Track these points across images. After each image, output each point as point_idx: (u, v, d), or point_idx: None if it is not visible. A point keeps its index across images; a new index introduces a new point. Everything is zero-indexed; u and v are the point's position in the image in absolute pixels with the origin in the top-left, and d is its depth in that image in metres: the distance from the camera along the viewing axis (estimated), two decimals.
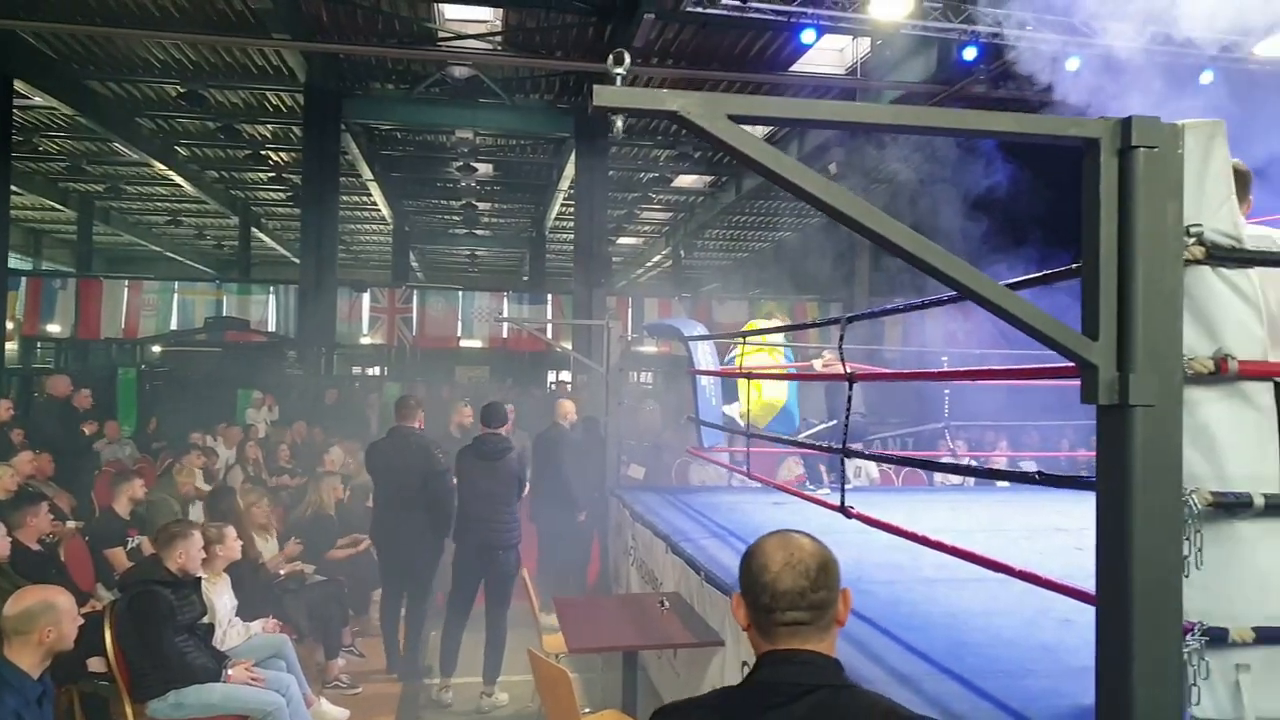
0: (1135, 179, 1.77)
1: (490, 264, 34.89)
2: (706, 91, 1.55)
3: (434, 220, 28.64)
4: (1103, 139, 1.78)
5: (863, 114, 1.81)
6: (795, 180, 1.61)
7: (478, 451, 6.00)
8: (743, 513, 6.51)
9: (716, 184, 23.71)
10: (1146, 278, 1.77)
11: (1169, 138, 1.81)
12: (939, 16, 9.08)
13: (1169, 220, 1.80)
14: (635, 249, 32.36)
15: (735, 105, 1.64)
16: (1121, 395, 1.75)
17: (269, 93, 17.36)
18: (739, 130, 1.62)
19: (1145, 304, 1.76)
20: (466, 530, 5.94)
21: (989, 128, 1.74)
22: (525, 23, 14.76)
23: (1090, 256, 1.80)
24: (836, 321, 4.67)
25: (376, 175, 21.82)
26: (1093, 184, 1.80)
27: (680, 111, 1.62)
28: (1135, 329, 1.76)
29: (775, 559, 1.69)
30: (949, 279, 1.73)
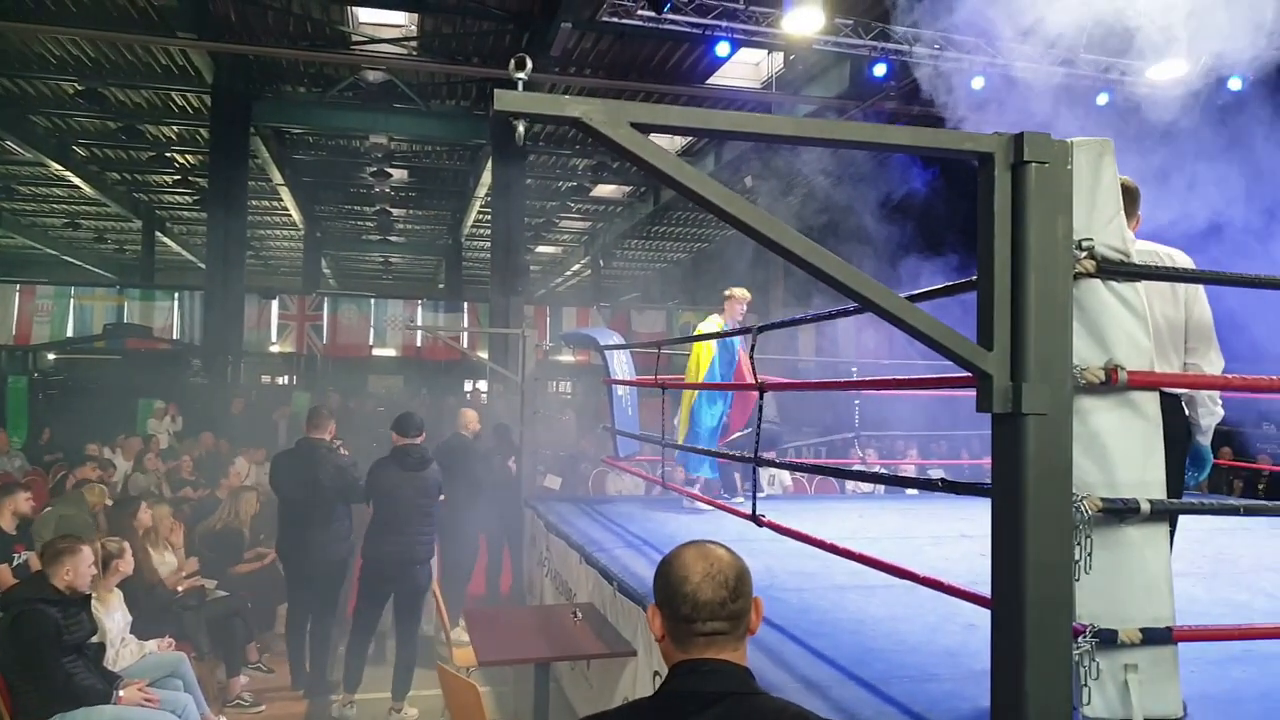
0: (1027, 193, 1.82)
1: (405, 271, 34.39)
2: (608, 100, 1.53)
3: (347, 226, 28.12)
4: (996, 154, 1.83)
5: (764, 125, 1.83)
6: (697, 189, 1.61)
7: (400, 463, 5.86)
8: (657, 522, 6.51)
9: (635, 194, 23.79)
10: (1038, 290, 1.81)
11: (1059, 153, 1.86)
12: (850, 33, 9.27)
13: (1059, 234, 1.86)
14: (554, 257, 32.26)
15: (638, 113, 1.63)
16: (1015, 404, 1.79)
17: (174, 93, 16.83)
18: (641, 138, 1.61)
19: (1037, 316, 1.81)
20: (383, 543, 5.78)
21: (887, 141, 1.77)
22: (441, 28, 14.63)
23: (985, 269, 1.84)
24: (748, 331, 4.70)
25: (287, 179, 21.35)
26: (987, 198, 1.84)
27: (582, 118, 1.61)
28: (1028, 340, 1.81)
29: (695, 570, 1.69)
30: (847, 289, 1.75)
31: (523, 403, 7.97)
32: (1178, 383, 2.78)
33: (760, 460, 4.35)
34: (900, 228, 11.37)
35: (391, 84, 15.96)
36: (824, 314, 3.91)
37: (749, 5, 8.83)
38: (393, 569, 5.80)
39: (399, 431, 5.98)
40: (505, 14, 13.70)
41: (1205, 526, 6.42)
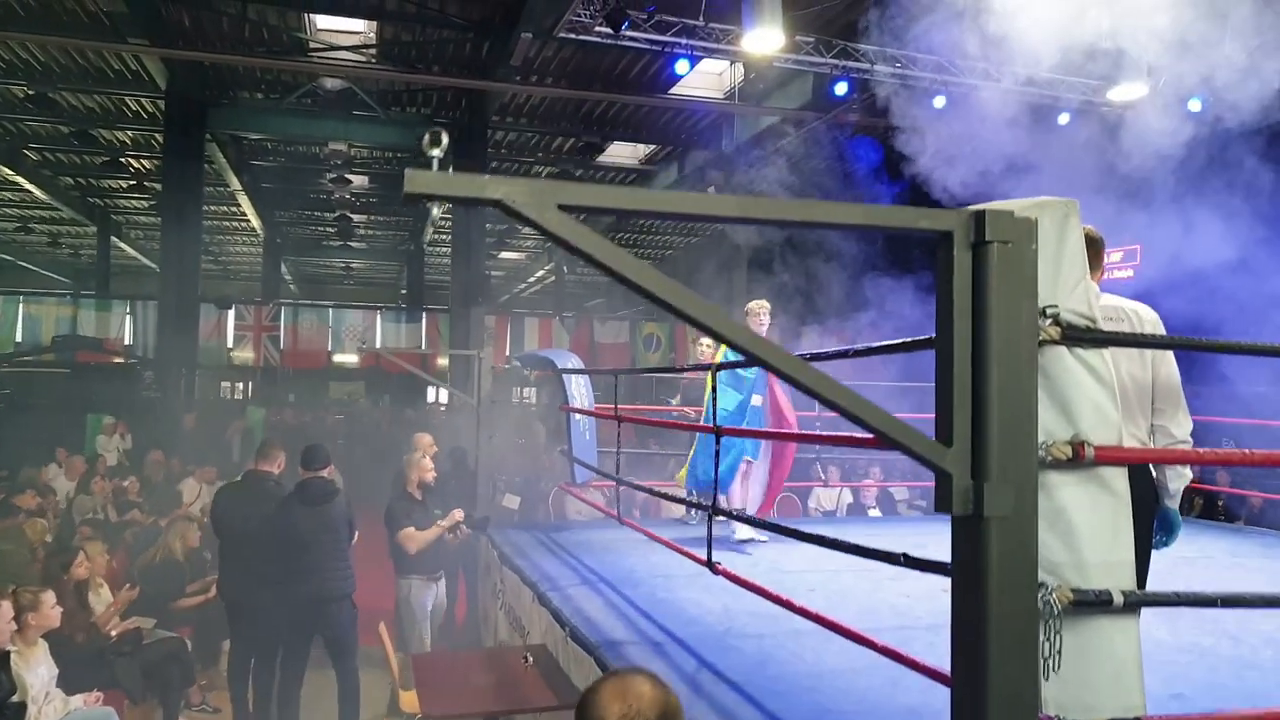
0: (989, 275, 1.68)
1: (367, 277, 33.99)
2: (533, 179, 1.38)
3: (307, 232, 27.70)
4: (955, 232, 1.69)
5: (702, 205, 1.68)
6: (625, 273, 1.46)
7: (301, 497, 5.58)
8: (616, 553, 6.34)
9: None
10: (1001, 384, 1.68)
11: (1023, 231, 1.73)
12: (811, 51, 9.17)
13: (1024, 320, 1.72)
14: (517, 263, 32.01)
15: (566, 194, 1.48)
16: (976, 506, 1.66)
17: (128, 98, 16.44)
18: (570, 221, 1.46)
19: (1000, 411, 1.68)
20: (293, 582, 5.50)
21: (835, 220, 1.62)
22: (400, 36, 14.39)
23: (944, 357, 1.70)
24: (707, 368, 4.57)
25: (245, 185, 20.96)
26: (945, 279, 1.71)
27: (504, 200, 1.45)
28: (990, 436, 1.67)
29: (611, 711, 1.53)
30: (779, 371, 1.60)
31: (479, 425, 7.78)
32: (1147, 458, 2.67)
33: (719, 510, 4.20)
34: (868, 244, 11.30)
35: (350, 91, 15.69)
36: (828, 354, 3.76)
37: (709, 23, 8.71)
38: (309, 612, 5.53)
39: (303, 464, 5.69)
40: (466, 23, 13.49)
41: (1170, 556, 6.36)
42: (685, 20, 8.67)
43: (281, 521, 5.51)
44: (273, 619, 5.61)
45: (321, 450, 5.78)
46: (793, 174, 13.05)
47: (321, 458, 5.71)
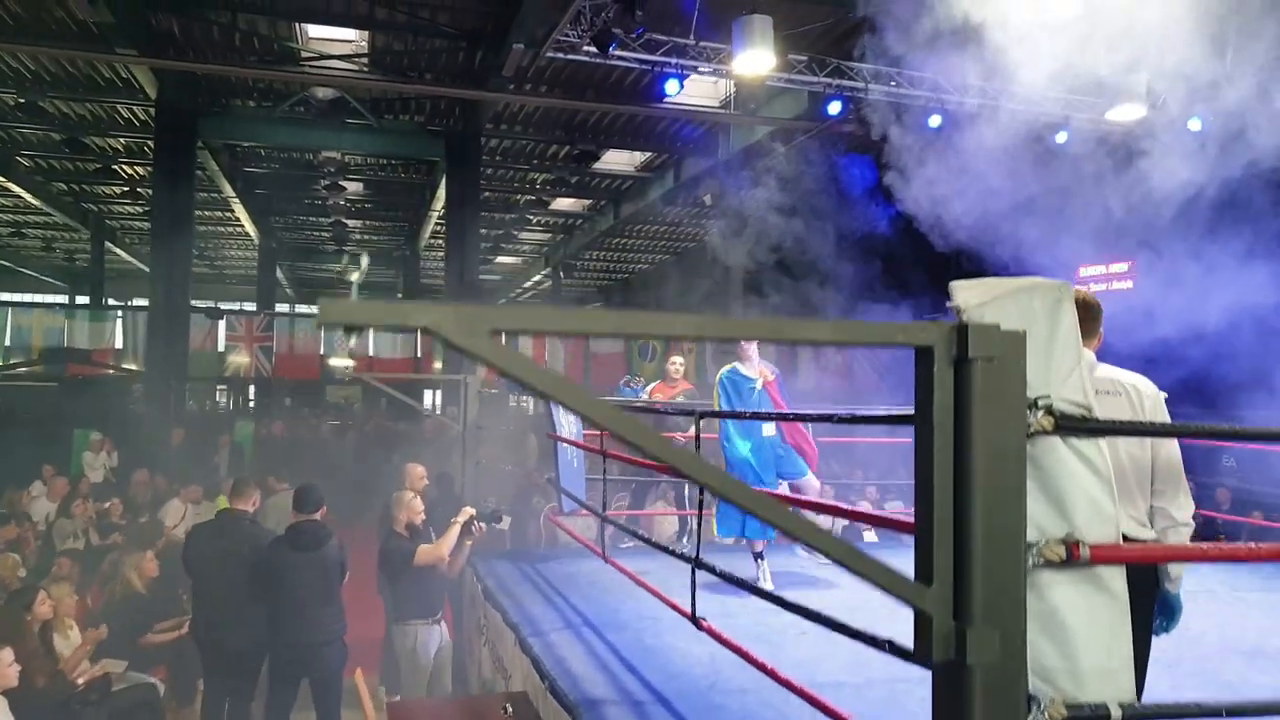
0: (972, 397, 1.54)
1: (364, 281, 33.80)
2: (462, 306, 1.23)
3: (302, 237, 27.56)
4: (936, 348, 1.54)
5: (656, 325, 1.53)
6: (559, 395, 1.33)
7: (293, 543, 5.44)
8: (602, 589, 6.18)
9: (595, 207, 23.50)
10: (987, 519, 1.53)
11: (1011, 346, 1.58)
12: (804, 70, 9.01)
13: (1012, 447, 1.57)
14: (514, 268, 31.88)
15: (499, 319, 1.34)
16: (959, 652, 1.51)
17: (119, 105, 16.30)
18: (501, 347, 1.32)
19: (985, 548, 1.53)
20: (284, 628, 5.38)
21: (805, 336, 1.48)
22: (393, 45, 14.24)
23: (923, 484, 1.56)
24: (691, 413, 4.42)
25: (239, 192, 20.81)
26: (925, 397, 1.56)
27: (431, 327, 1.31)
28: (974, 574, 1.53)
29: None
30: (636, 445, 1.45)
31: (464, 452, 7.63)
32: (1146, 556, 2.52)
33: (701, 564, 4.04)
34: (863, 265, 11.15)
35: (343, 100, 15.54)
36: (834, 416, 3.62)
37: (699, 42, 8.55)
38: (299, 655, 5.39)
39: (296, 506, 5.54)
40: (458, 32, 13.35)
41: None
42: (675, 39, 8.51)
43: (271, 567, 5.35)
44: (253, 662, 5.47)
45: (314, 493, 5.62)
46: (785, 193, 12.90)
47: (314, 501, 5.55)
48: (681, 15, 8.14)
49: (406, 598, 6.00)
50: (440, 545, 5.96)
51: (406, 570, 5.90)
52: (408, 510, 6.04)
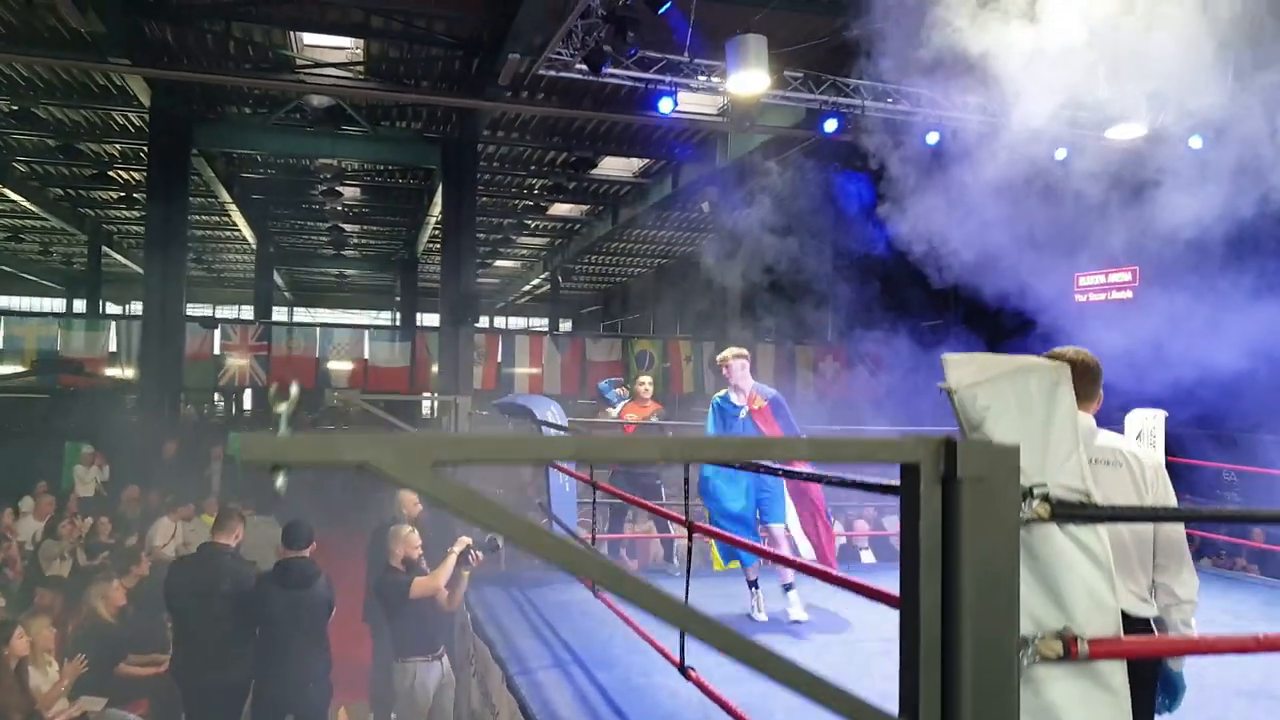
0: (961, 520, 1.43)
1: (361, 284, 33.74)
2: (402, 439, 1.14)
3: (300, 241, 27.48)
4: (922, 466, 1.44)
5: (612, 451, 1.43)
6: (503, 529, 1.23)
7: (281, 580, 5.33)
8: (594, 621, 6.04)
9: (593, 213, 23.40)
10: (976, 655, 1.43)
11: (1003, 464, 1.48)
12: (799, 87, 8.89)
13: (1004, 569, 1.47)
14: (514, 271, 31.78)
15: (442, 450, 1.24)
16: None
17: (114, 112, 16.19)
18: (442, 481, 1.22)
19: (974, 688, 1.43)
20: (265, 667, 5.27)
21: (778, 455, 1.37)
22: (388, 53, 14.13)
23: (909, 607, 1.46)
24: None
25: (236, 198, 20.74)
26: (910, 518, 1.46)
27: (372, 463, 1.21)
28: (963, 705, 1.42)
29: None
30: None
31: (455, 474, 7.51)
32: (1149, 650, 2.42)
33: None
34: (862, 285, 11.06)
35: (338, 107, 15.43)
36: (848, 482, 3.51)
37: (693, 59, 8.43)
38: (283, 694, 5.27)
39: (285, 542, 5.43)
40: (454, 41, 13.24)
41: None
42: (669, 56, 8.39)
43: (257, 604, 5.25)
44: (236, 701, 5.36)
45: (303, 529, 5.51)
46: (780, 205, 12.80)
47: (304, 537, 5.44)
48: (676, 31, 8.03)
49: (405, 634, 5.87)
50: (436, 576, 5.84)
51: (404, 605, 5.78)
52: (405, 545, 5.90)
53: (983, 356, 2.27)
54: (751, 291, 16.92)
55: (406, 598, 5.71)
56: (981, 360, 2.21)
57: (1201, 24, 6.66)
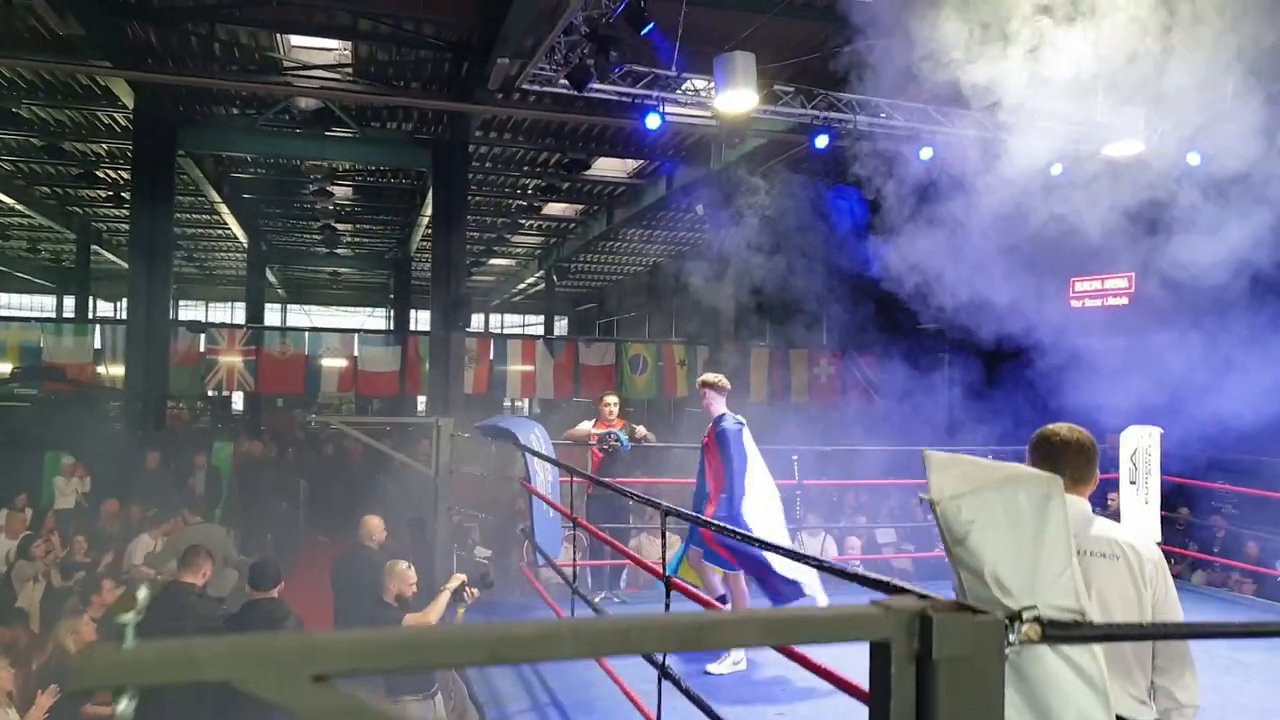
0: (938, 704, 1.26)
1: (355, 281, 33.51)
2: (273, 644, 0.95)
3: (292, 240, 27.28)
4: (893, 644, 1.27)
5: (501, 650, 1.25)
6: None
7: (246, 624, 5.09)
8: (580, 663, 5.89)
9: (588, 212, 23.20)
10: None
11: (987, 642, 1.30)
12: (790, 101, 8.68)
13: None
14: (508, 269, 31.57)
15: (323, 660, 1.07)
16: None
17: (99, 112, 15.97)
18: (326, 696, 1.05)
19: None
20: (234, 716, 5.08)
21: (733, 640, 1.20)
22: (376, 55, 13.91)
23: None
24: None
25: (225, 198, 20.50)
26: (880, 703, 1.28)
27: (234, 681, 1.04)
28: None
29: None
30: None
31: (436, 498, 7.35)
32: None
33: (667, 673, 3.76)
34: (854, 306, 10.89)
35: (327, 109, 15.21)
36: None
37: (680, 73, 8.20)
38: None
39: (251, 584, 5.22)
40: (443, 44, 13.02)
41: None
42: (657, 70, 8.18)
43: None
44: None
45: (270, 568, 5.30)
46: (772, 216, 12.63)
47: (271, 577, 5.23)
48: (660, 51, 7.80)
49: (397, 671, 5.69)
50: (429, 613, 5.64)
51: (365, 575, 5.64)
52: (400, 581, 5.70)
53: (967, 461, 2.10)
54: (746, 294, 16.75)
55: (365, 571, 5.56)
56: (966, 466, 2.04)
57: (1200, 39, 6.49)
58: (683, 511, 4.22)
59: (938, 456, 2.12)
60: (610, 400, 7.48)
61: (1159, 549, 2.52)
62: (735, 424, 5.82)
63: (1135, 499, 8.71)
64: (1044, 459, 2.61)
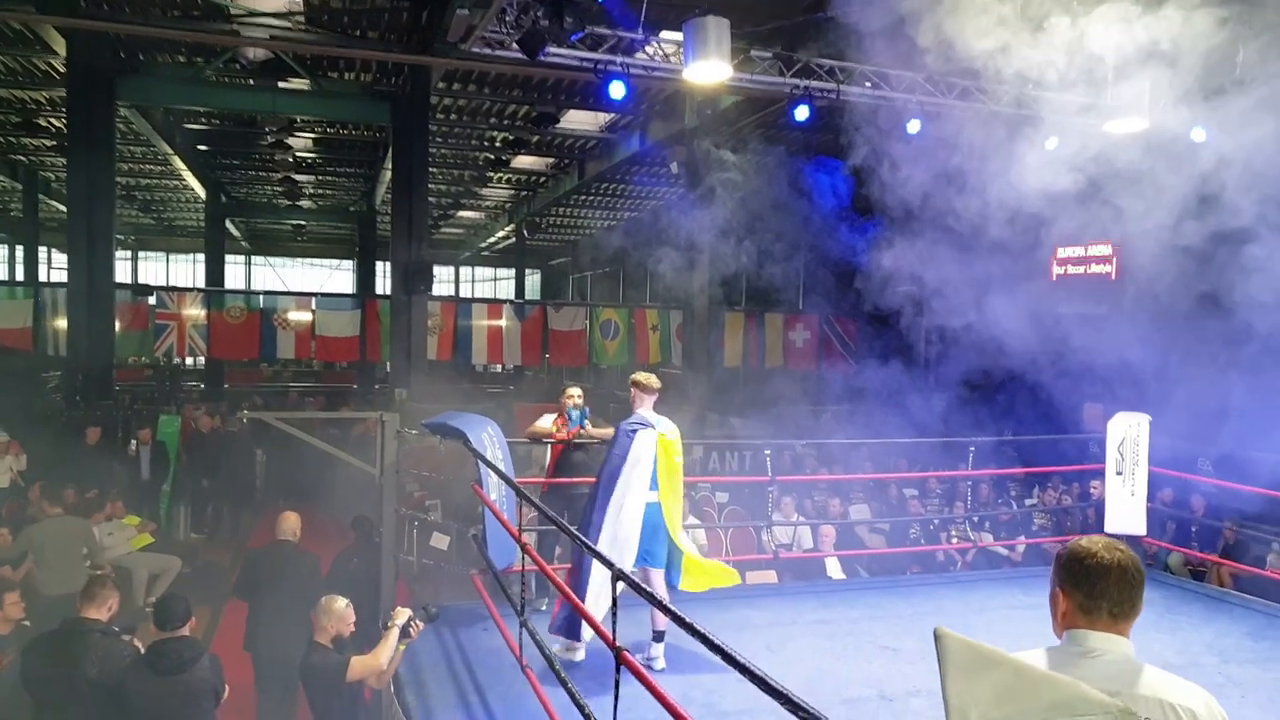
0: None
1: (321, 234, 32.59)
2: None
3: (252, 192, 26.34)
4: None
5: None
6: None
7: (153, 665, 4.59)
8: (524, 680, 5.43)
9: (559, 166, 22.45)
10: None
11: None
12: (768, 69, 8.00)
13: None
14: (478, 222, 30.77)
15: None
16: None
17: (35, 59, 15.03)
18: None
19: None
20: None
21: None
22: (330, 1, 13.06)
23: None
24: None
25: (178, 150, 19.55)
26: None
27: None
28: None
29: None
30: None
31: (383, 499, 6.82)
32: None
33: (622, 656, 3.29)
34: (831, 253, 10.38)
35: (279, 59, 14.36)
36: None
37: (648, 35, 7.49)
38: None
39: (157, 623, 4.66)
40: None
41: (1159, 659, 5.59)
42: (621, 33, 7.48)
43: (125, 693, 4.53)
44: None
45: (179, 605, 4.73)
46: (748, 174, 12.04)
47: (179, 614, 4.66)
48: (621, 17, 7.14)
49: (335, 718, 5.15)
50: (378, 655, 5.04)
51: (339, 689, 5.06)
52: (339, 621, 5.11)
53: (997, 662, 1.61)
54: (720, 254, 16.20)
55: (342, 680, 4.99)
56: (1001, 674, 1.55)
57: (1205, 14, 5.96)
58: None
59: (957, 648, 1.63)
60: (574, 393, 6.91)
61: (1217, 707, 2.01)
62: (633, 427, 5.64)
63: (1121, 490, 8.33)
64: (1075, 587, 2.11)
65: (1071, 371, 11.19)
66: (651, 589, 4.61)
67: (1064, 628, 2.16)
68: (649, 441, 5.62)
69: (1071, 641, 2.11)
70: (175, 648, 4.57)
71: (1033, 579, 8.23)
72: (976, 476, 9.55)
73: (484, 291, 36.95)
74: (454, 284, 37.18)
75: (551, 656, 4.44)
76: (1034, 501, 11.54)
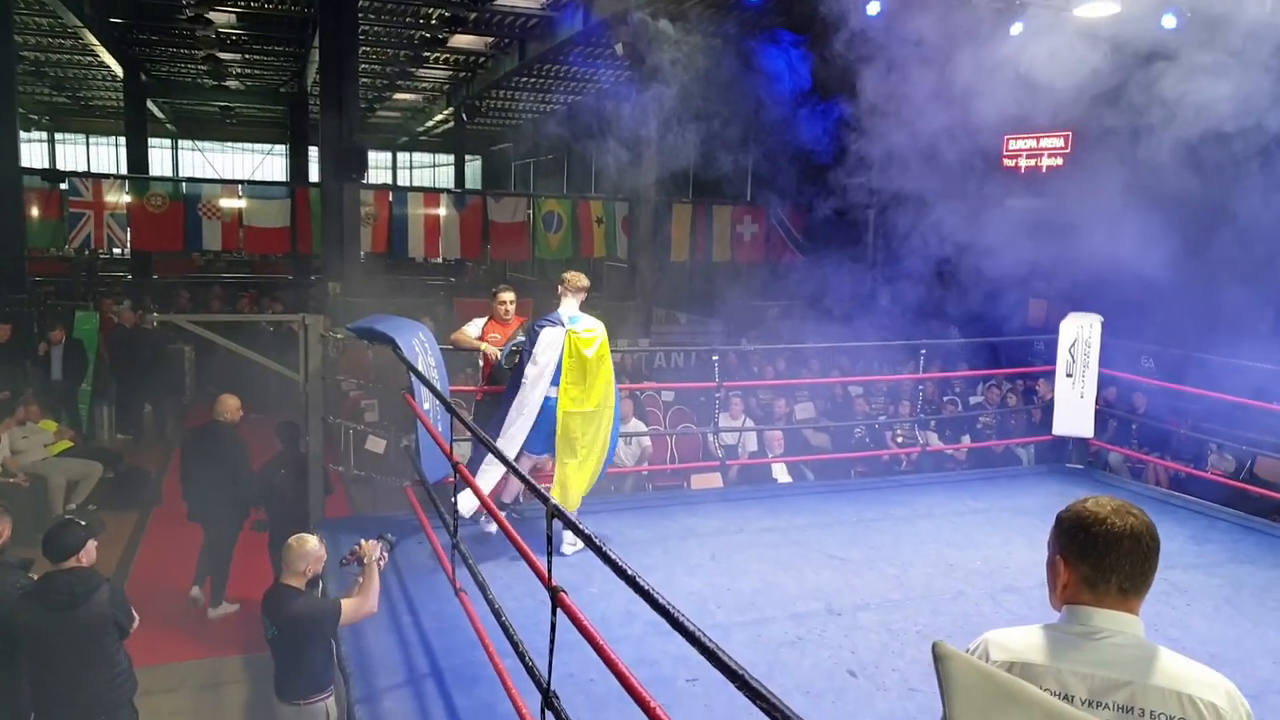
0: None
1: (251, 117, 31.03)
2: None
3: (175, 70, 24.79)
4: None
5: None
6: None
7: (44, 600, 4.27)
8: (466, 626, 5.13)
9: (498, 45, 21.38)
10: None
11: None
12: None
13: None
14: (415, 104, 29.50)
15: None
16: None
17: None
18: None
19: None
20: (44, 703, 4.30)
21: None
22: None
23: None
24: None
25: (87, 22, 18.16)
26: None
27: None
28: None
29: None
30: None
31: (308, 408, 6.44)
32: None
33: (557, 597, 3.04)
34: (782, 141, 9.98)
35: None
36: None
37: None
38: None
39: (46, 553, 4.33)
40: None
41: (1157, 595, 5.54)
42: None
43: (19, 630, 4.20)
44: None
45: (70, 533, 4.34)
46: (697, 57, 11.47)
47: (70, 544, 4.29)
48: None
49: (316, 668, 4.76)
50: (368, 598, 4.72)
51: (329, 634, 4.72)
52: (314, 562, 4.78)
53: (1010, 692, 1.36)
54: (666, 143, 15.62)
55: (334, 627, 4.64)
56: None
57: None
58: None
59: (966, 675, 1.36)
60: (506, 297, 6.49)
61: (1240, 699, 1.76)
62: (541, 324, 5.87)
63: (1071, 392, 8.25)
64: (1080, 557, 1.83)
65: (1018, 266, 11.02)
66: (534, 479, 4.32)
67: (1064, 601, 1.89)
68: (553, 339, 5.76)
69: (1074, 619, 1.86)
70: (66, 581, 4.24)
71: (980, 482, 8.20)
72: (923, 379, 9.43)
73: (423, 179, 35.78)
74: (391, 170, 35.92)
75: (485, 584, 4.20)
76: (979, 399, 11.50)
